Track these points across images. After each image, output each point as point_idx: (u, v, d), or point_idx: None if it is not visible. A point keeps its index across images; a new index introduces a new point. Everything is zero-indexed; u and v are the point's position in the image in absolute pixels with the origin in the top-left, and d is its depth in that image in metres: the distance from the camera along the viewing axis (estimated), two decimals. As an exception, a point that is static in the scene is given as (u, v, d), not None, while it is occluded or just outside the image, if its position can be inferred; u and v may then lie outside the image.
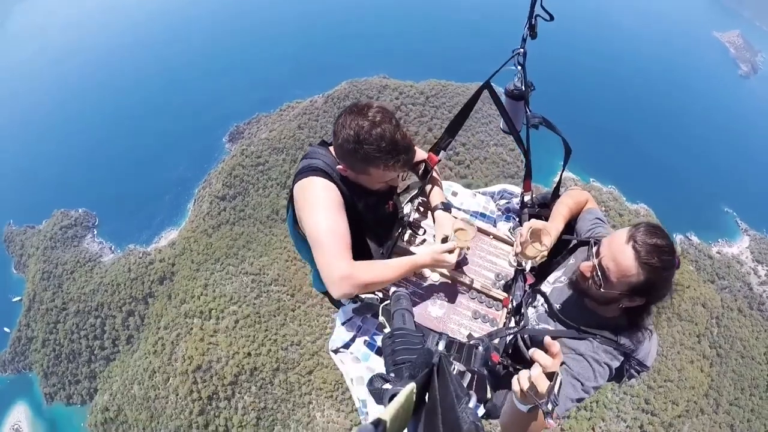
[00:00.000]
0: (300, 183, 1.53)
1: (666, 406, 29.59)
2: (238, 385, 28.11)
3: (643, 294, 1.37)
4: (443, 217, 1.87)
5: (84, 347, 34.24)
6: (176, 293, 32.19)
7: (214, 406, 28.22)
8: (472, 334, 1.68)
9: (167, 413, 29.12)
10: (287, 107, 41.81)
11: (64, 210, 40.60)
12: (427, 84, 39.09)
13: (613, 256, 1.36)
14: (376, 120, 1.42)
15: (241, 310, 29.85)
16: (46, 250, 37.82)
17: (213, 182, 37.69)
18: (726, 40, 59.76)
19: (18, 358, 37.05)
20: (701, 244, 39.04)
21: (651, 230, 1.33)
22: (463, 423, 0.58)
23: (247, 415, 27.89)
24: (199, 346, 28.88)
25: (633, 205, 39.41)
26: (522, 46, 1.70)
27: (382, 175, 1.53)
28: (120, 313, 33.56)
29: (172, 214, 39.92)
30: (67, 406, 35.07)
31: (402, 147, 1.46)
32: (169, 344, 30.08)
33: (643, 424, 28.78)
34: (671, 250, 1.33)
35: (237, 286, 30.98)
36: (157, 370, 29.82)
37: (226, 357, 28.35)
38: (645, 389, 30.17)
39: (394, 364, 1.02)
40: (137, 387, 30.58)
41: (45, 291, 36.11)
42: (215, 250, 33.44)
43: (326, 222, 1.45)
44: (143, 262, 34.60)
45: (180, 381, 28.57)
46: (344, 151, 1.48)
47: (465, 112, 1.97)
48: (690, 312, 33.46)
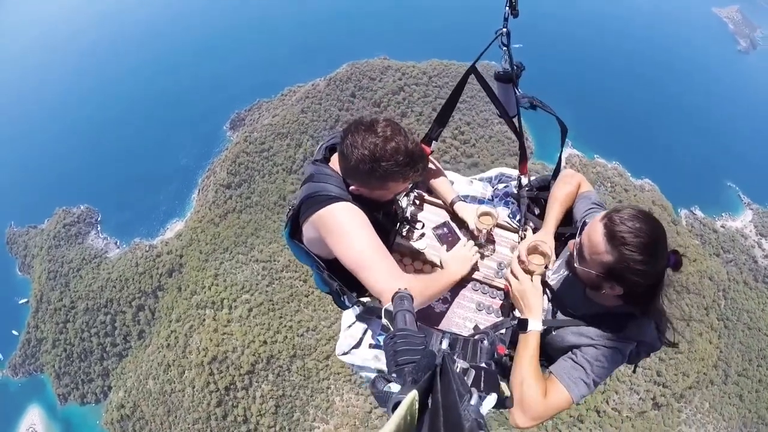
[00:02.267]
0: (323, 213, 1.46)
1: (677, 378, 30.04)
2: (255, 374, 28.03)
3: (616, 279, 1.33)
4: (465, 208, 1.92)
5: (95, 345, 33.96)
6: (186, 285, 31.90)
7: (231, 397, 28.16)
8: (477, 326, 1.68)
9: (185, 406, 29.04)
10: (288, 92, 41.15)
11: (65, 208, 40.02)
12: (429, 64, 38.61)
13: (588, 231, 1.38)
14: (387, 135, 1.40)
15: (254, 298, 29.65)
16: (51, 249, 37.32)
17: (217, 171, 37.22)
18: (725, 15, 59.57)
19: (28, 361, 36.72)
20: (705, 219, 39.32)
21: (632, 213, 1.29)
22: (465, 421, 0.58)
23: (265, 404, 27.86)
24: (213, 337, 28.71)
25: (638, 181, 39.55)
26: (504, 26, 1.63)
27: (401, 186, 1.53)
28: (130, 308, 33.24)
29: (176, 205, 39.32)
30: (81, 406, 34.90)
31: (418, 156, 1.45)
32: (182, 337, 29.87)
33: (655, 395, 29.22)
34: (651, 239, 1.26)
35: (248, 275, 30.74)
36: (171, 364, 29.66)
37: (242, 346, 28.21)
38: (657, 361, 30.56)
39: (396, 365, 1.01)
40: (152, 382, 30.42)
41: (52, 291, 35.68)
42: (223, 240, 33.11)
43: (367, 245, 1.42)
44: (150, 256, 34.22)
45: (196, 373, 28.44)
46: (360, 172, 1.44)
47: (453, 99, 1.95)
48: (698, 285, 33.86)
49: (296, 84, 41.25)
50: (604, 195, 37.62)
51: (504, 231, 1.98)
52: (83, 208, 40.30)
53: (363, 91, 38.29)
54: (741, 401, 30.53)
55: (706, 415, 29.98)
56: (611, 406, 28.53)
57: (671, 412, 29.27)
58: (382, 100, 38.13)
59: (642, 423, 28.20)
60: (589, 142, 39.91)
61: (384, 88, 38.41)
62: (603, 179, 38.34)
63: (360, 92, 38.30)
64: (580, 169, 38.96)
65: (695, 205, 39.94)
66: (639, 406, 28.52)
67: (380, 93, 38.32)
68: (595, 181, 38.14)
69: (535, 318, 1.47)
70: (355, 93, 38.25)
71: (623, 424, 27.81)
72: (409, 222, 1.95)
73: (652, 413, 28.75)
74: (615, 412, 27.92)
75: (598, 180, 38.07)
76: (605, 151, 40.18)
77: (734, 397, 30.83)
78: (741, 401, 30.53)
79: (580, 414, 28.15)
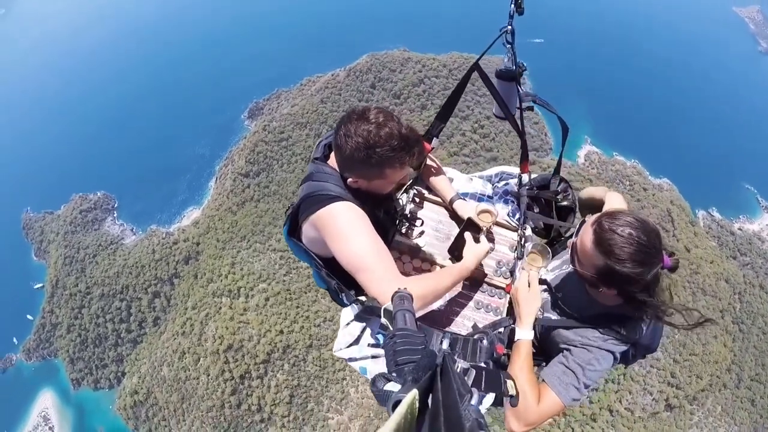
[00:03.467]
0: (323, 213, 1.45)
1: (690, 380, 29.82)
2: (270, 363, 28.05)
3: (609, 282, 1.34)
4: (464, 206, 1.92)
5: (110, 331, 34.13)
6: (203, 273, 31.96)
7: (246, 385, 28.21)
8: (476, 324, 1.68)
9: (198, 394, 29.12)
10: (307, 81, 41.10)
11: (82, 194, 40.26)
12: (449, 57, 38.36)
13: (581, 234, 1.40)
14: (380, 121, 1.39)
15: (271, 287, 29.63)
16: (67, 234, 37.52)
17: (235, 159, 37.23)
18: (746, 15, 58.63)
19: (43, 345, 37.00)
20: (723, 220, 38.88)
21: (623, 220, 1.28)
22: (465, 421, 0.59)
23: (280, 393, 27.88)
24: (229, 325, 28.74)
25: (656, 180, 39.13)
26: (509, 23, 1.62)
27: (398, 173, 1.51)
28: (146, 294, 33.36)
29: (193, 193, 39.45)
30: (94, 391, 35.14)
31: (412, 140, 1.44)
32: (198, 324, 29.94)
33: (668, 396, 29.00)
34: (639, 247, 1.25)
35: (265, 264, 30.72)
36: (186, 351, 29.74)
37: (258, 335, 28.22)
38: (671, 363, 30.36)
39: (396, 365, 1.01)
40: (167, 369, 30.53)
41: (68, 276, 35.88)
42: (241, 228, 33.11)
43: (366, 246, 1.40)
44: (167, 243, 34.31)
45: (211, 361, 28.51)
46: (355, 161, 1.42)
47: (455, 96, 1.95)
48: (714, 287, 33.57)
49: (315, 74, 41.20)
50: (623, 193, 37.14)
51: (503, 229, 1.98)
52: (100, 194, 40.53)
53: (383, 83, 38.13)
54: (753, 406, 30.24)
55: (718, 419, 29.73)
56: (624, 405, 28.37)
57: (683, 414, 29.04)
58: (402, 91, 37.96)
59: (654, 424, 28.02)
60: (608, 139, 39.52)
61: (404, 80, 38.27)
62: (622, 177, 37.95)
63: (380, 83, 38.14)
64: (598, 166, 38.67)
65: (713, 206, 39.47)
66: (652, 407, 28.32)
67: (400, 85, 38.18)
68: (614, 179, 37.75)
69: (524, 327, 1.48)
70: (375, 84, 38.10)
71: (635, 424, 27.63)
72: (408, 219, 1.94)
73: (664, 414, 28.55)
74: (628, 412, 27.76)
75: (617, 178, 37.68)
76: (624, 149, 39.75)
77: (746, 401, 30.54)
78: (753, 406, 30.24)
79: (593, 413, 28.03)
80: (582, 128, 40.87)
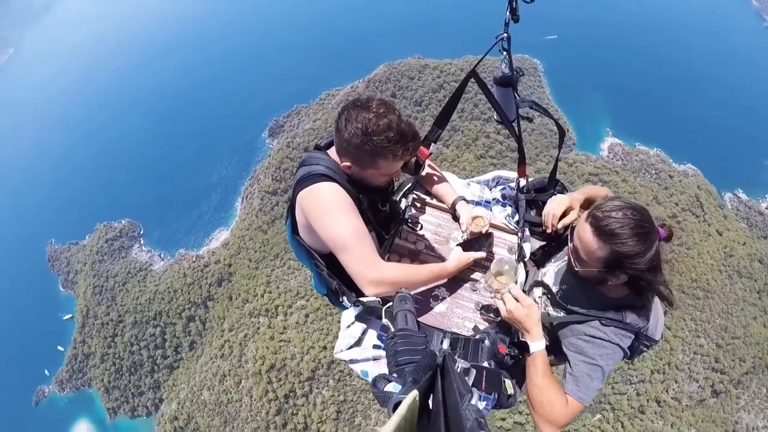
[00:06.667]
0: (306, 191, 1.49)
1: (734, 364, 29.50)
2: (315, 380, 27.69)
3: (618, 267, 1.37)
4: (464, 208, 1.94)
5: (145, 358, 33.87)
6: (237, 294, 31.73)
7: (291, 404, 27.83)
8: (477, 326, 1.68)
9: (242, 416, 28.76)
10: (326, 96, 41.23)
11: (106, 223, 40.25)
12: (464, 61, 38.31)
13: (578, 234, 1.43)
14: (381, 112, 1.42)
15: (310, 303, 29.35)
16: (94, 264, 37.44)
17: (261, 178, 37.15)
18: (748, -8, 58.60)
19: (76, 376, 36.77)
20: (750, 201, 38.53)
21: (613, 205, 1.34)
22: (465, 421, 0.58)
23: (326, 410, 27.48)
24: (269, 344, 28.44)
25: (680, 166, 38.87)
26: (505, 31, 1.65)
27: (391, 166, 1.52)
28: (180, 319, 33.13)
29: (219, 214, 39.45)
30: (131, 419, 34.84)
31: (409, 135, 1.47)
32: (237, 346, 29.63)
33: (714, 382, 28.60)
34: (636, 223, 1.31)
35: (302, 280, 30.49)
36: (227, 374, 29.41)
37: (301, 353, 27.89)
38: (714, 348, 30.08)
39: (397, 365, 1.01)
40: (207, 393, 30.19)
41: (98, 305, 35.73)
42: (273, 246, 32.92)
43: (348, 226, 1.44)
44: (197, 266, 34.14)
45: (253, 382, 28.17)
46: (351, 146, 1.45)
47: (453, 102, 1.98)
48: (749, 268, 33.28)
49: (334, 87, 41.35)
50: (650, 182, 36.96)
51: (502, 232, 1.99)
52: (125, 222, 40.51)
53: (403, 91, 38.13)
54: (797, 387, 29.72)
55: (764, 401, 29.30)
56: (671, 395, 28.00)
57: (729, 398, 28.66)
58: (423, 98, 37.97)
59: (702, 411, 27.61)
60: (629, 130, 39.30)
61: (424, 86, 38.31)
62: (647, 167, 37.68)
63: (400, 92, 38.14)
64: (622, 158, 38.44)
65: (738, 187, 39.12)
66: (698, 394, 27.96)
67: (420, 92, 38.20)
68: (639, 169, 37.48)
69: (535, 339, 1.46)
70: (395, 93, 38.07)
71: (683, 413, 27.22)
72: (408, 223, 1.96)
73: (711, 401, 28.17)
74: (675, 401, 27.37)
75: (642, 168, 37.42)
76: (646, 138, 39.51)
77: (790, 383, 30.03)
78: (797, 387, 29.72)
79: (641, 405, 27.73)
80: (603, 121, 40.66)
